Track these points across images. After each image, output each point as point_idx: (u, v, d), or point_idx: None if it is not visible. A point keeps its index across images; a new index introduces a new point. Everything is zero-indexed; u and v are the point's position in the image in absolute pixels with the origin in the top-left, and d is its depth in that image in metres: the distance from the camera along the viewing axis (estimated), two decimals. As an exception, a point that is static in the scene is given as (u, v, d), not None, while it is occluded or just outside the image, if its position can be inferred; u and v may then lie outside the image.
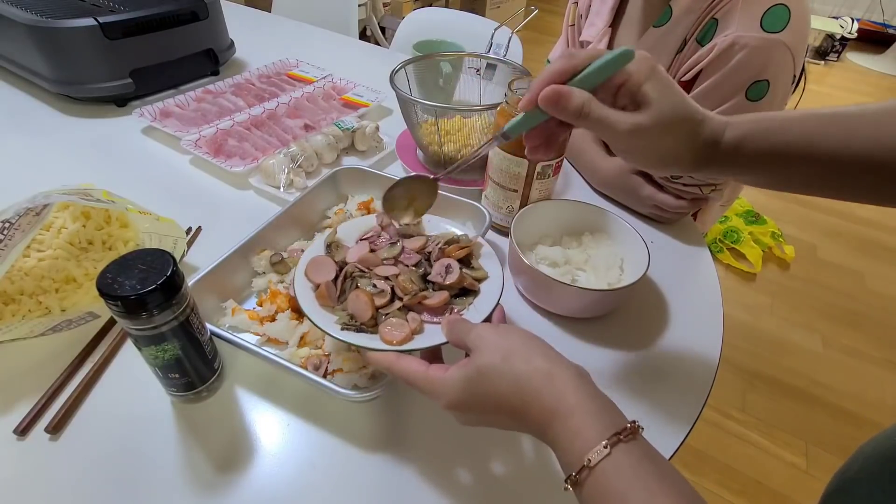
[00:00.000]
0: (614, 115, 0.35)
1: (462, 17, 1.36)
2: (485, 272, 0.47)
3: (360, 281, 0.45)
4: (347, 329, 0.41)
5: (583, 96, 0.35)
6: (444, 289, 0.45)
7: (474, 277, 0.47)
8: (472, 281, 0.46)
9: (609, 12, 0.77)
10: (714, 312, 0.59)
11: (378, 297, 0.43)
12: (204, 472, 0.41)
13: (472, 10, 1.43)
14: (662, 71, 0.36)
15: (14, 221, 0.45)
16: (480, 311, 0.43)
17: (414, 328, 0.41)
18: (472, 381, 0.34)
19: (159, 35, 0.90)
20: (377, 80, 0.95)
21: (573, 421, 0.31)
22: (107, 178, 0.72)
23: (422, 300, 0.44)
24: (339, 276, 0.46)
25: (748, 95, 0.61)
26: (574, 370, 0.34)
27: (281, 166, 0.71)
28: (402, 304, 0.43)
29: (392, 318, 0.42)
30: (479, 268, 0.48)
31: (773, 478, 1.24)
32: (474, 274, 0.47)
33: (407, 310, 0.44)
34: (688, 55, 0.65)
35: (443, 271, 0.46)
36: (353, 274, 0.46)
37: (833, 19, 3.59)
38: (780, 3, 0.58)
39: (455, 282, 0.45)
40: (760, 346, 1.58)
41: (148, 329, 0.38)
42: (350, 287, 0.45)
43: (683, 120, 0.36)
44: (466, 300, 0.45)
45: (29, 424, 0.43)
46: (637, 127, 0.35)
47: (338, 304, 0.44)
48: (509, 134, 0.41)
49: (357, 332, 0.41)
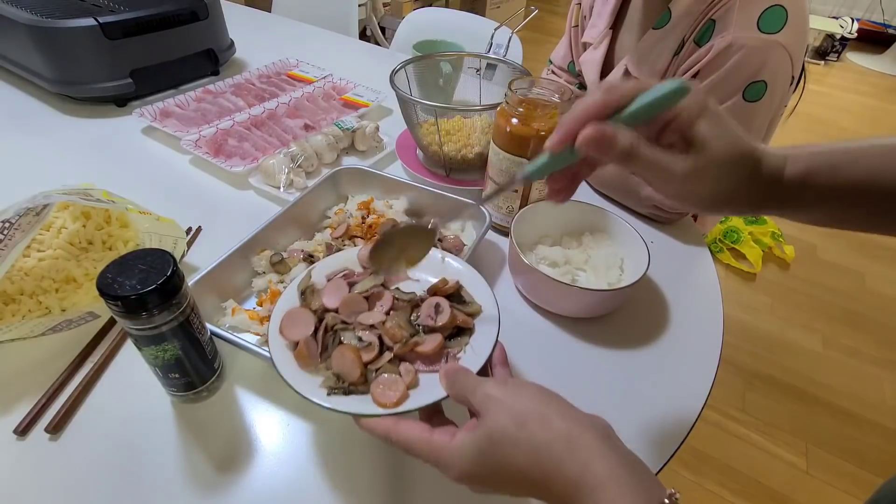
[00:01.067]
0: (666, 158, 0.31)
1: (462, 17, 1.36)
2: (478, 305, 0.43)
3: (344, 334, 0.40)
4: (335, 393, 0.37)
5: (631, 137, 0.31)
6: (435, 331, 0.40)
7: (467, 313, 0.42)
8: (466, 318, 0.41)
9: (610, 14, 0.77)
10: (714, 312, 0.59)
11: (366, 351, 0.39)
12: (204, 472, 0.41)
13: (472, 10, 1.43)
14: (716, 105, 0.32)
15: (14, 221, 0.45)
16: (479, 353, 0.39)
17: (409, 382, 0.37)
18: (483, 451, 0.30)
19: (159, 35, 0.90)
20: (377, 80, 0.95)
21: (605, 495, 0.26)
22: (107, 178, 0.72)
23: (414, 347, 0.39)
24: (319, 329, 0.41)
25: (745, 96, 0.61)
26: (597, 430, 0.29)
27: (281, 166, 0.70)
28: (393, 356, 0.39)
29: (383, 373, 0.38)
30: (470, 300, 0.43)
31: (773, 478, 1.23)
32: (466, 309, 0.42)
33: (398, 360, 0.39)
34: (685, 56, 0.65)
35: (432, 312, 0.41)
36: (335, 327, 0.41)
37: (833, 19, 3.59)
38: (777, 4, 0.58)
39: (447, 322, 0.40)
40: (760, 346, 1.58)
41: (148, 329, 0.38)
42: (333, 342, 0.40)
43: (743, 159, 0.33)
44: (462, 340, 0.41)
45: (29, 424, 0.43)
46: (694, 171, 0.31)
47: (321, 363, 0.39)
48: (532, 178, 0.36)
49: (346, 394, 0.37)
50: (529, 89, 0.59)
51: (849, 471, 1.25)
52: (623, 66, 0.74)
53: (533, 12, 0.89)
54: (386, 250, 0.41)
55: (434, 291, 0.43)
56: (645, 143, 0.31)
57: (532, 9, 0.90)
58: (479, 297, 0.44)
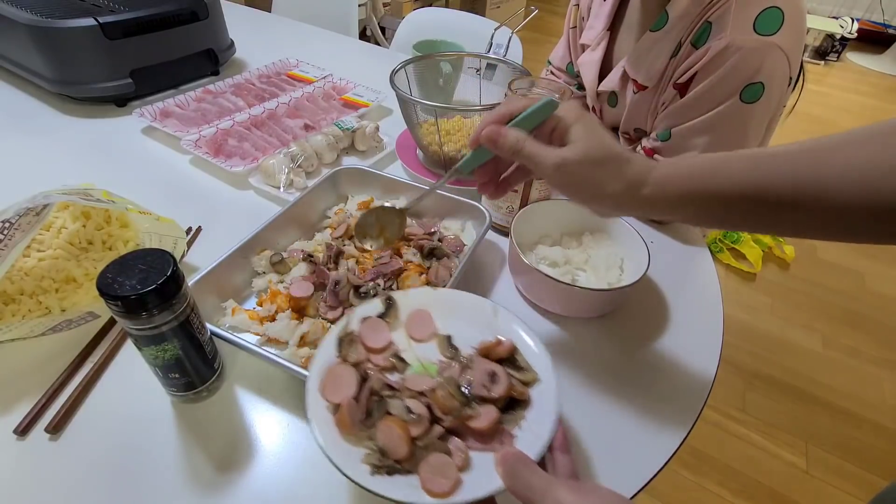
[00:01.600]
0: (544, 150, 0.38)
1: (462, 17, 1.36)
2: (534, 373, 0.39)
3: (391, 403, 0.37)
4: (379, 472, 0.33)
5: (517, 134, 0.39)
6: (488, 402, 0.37)
7: (522, 381, 0.38)
8: (522, 388, 0.38)
9: (607, 16, 0.77)
10: (714, 312, 0.59)
11: (414, 425, 0.36)
12: (204, 472, 0.41)
13: (472, 10, 1.43)
14: (591, 116, 0.40)
15: (14, 221, 0.45)
16: (537, 434, 0.35)
17: (460, 464, 0.34)
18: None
19: (159, 35, 0.90)
20: (377, 80, 0.95)
21: None
22: (107, 178, 0.72)
23: (466, 420, 0.36)
24: (363, 388, 0.38)
25: (743, 98, 0.61)
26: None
27: (281, 166, 0.71)
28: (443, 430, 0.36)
29: (432, 450, 0.35)
30: (526, 367, 0.39)
31: (773, 478, 1.23)
32: (522, 377, 0.39)
33: (448, 434, 0.36)
34: (682, 58, 0.66)
35: (487, 380, 0.37)
36: (381, 392, 0.38)
37: (833, 19, 3.59)
38: (773, 6, 0.59)
39: (503, 393, 0.37)
40: (760, 346, 1.58)
41: (148, 329, 0.38)
42: (377, 410, 0.37)
43: (609, 157, 0.38)
44: (517, 415, 0.37)
45: (29, 424, 0.43)
46: (563, 160, 0.37)
47: (362, 429, 0.36)
48: (461, 169, 0.44)
49: (390, 473, 0.34)
50: (529, 89, 0.59)
51: (849, 471, 1.25)
52: (621, 69, 0.74)
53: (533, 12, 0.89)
54: (367, 226, 0.49)
55: (485, 353, 0.40)
56: (530, 140, 0.39)
57: (532, 9, 0.90)
58: (533, 359, 0.40)
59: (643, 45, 0.69)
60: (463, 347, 0.42)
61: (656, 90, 0.71)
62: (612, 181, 0.38)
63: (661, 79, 0.69)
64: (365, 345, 0.42)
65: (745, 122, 0.64)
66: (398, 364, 0.41)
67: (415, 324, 0.44)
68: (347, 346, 0.41)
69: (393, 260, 0.58)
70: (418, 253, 0.58)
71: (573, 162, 0.37)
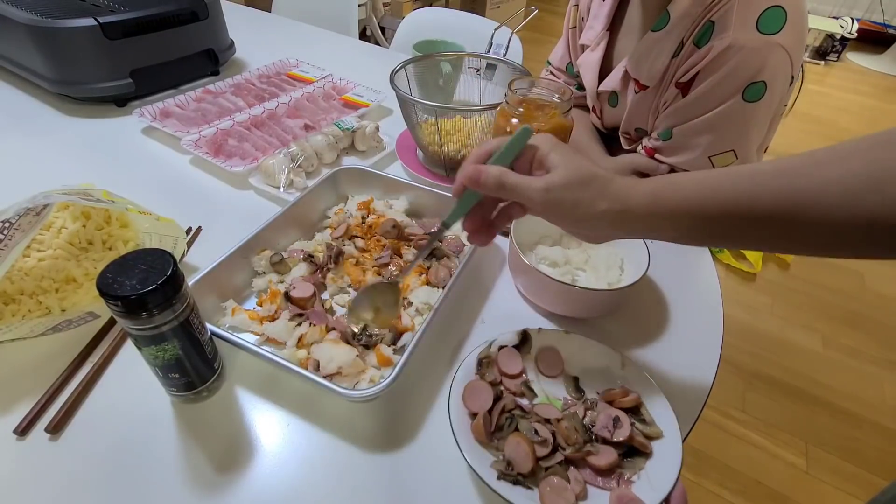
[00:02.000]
0: (528, 179, 0.39)
1: (462, 17, 1.36)
2: (658, 429, 0.41)
3: (521, 422, 0.42)
4: (504, 479, 0.38)
5: (498, 169, 0.39)
6: (609, 444, 0.40)
7: (646, 434, 0.40)
8: (644, 441, 0.40)
9: (606, 16, 0.77)
10: (714, 312, 0.59)
11: (539, 446, 0.40)
12: (204, 472, 0.41)
13: (472, 10, 1.43)
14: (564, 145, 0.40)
15: (14, 221, 0.45)
16: (656, 487, 0.37)
17: (578, 493, 0.37)
18: None
19: (159, 35, 0.90)
20: (377, 80, 0.95)
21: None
22: (107, 178, 0.72)
23: (586, 456, 0.39)
24: (496, 405, 0.43)
25: (745, 97, 0.61)
26: None
27: (281, 166, 0.71)
28: (564, 458, 0.39)
29: (553, 474, 0.38)
30: (651, 422, 0.41)
31: (773, 478, 1.23)
32: (646, 430, 0.41)
33: (568, 463, 0.40)
34: (684, 58, 0.65)
35: (610, 424, 0.40)
36: (513, 411, 0.43)
37: (833, 19, 3.59)
38: (776, 5, 0.58)
39: (625, 439, 0.39)
40: (760, 346, 1.58)
41: (148, 329, 0.38)
42: (508, 426, 0.42)
43: (592, 177, 0.38)
44: (637, 463, 0.39)
45: (29, 424, 0.43)
46: (549, 184, 0.38)
47: (492, 440, 0.41)
48: (449, 223, 0.43)
49: (514, 483, 0.38)
50: (529, 89, 0.59)
51: (849, 471, 1.25)
52: (622, 69, 0.73)
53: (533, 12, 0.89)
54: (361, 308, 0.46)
55: (610, 399, 0.43)
56: (512, 172, 0.39)
57: (532, 9, 0.90)
58: (661, 419, 0.41)
59: (644, 45, 0.69)
60: (588, 390, 0.46)
61: (657, 90, 0.71)
62: (599, 200, 0.38)
63: (663, 78, 0.69)
64: (500, 369, 0.47)
65: (747, 121, 0.64)
66: (527, 392, 0.46)
67: (545, 360, 0.49)
68: (486, 367, 0.47)
69: (393, 260, 0.58)
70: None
71: (559, 185, 0.38)
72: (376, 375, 0.46)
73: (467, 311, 0.57)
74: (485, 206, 0.42)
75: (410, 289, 0.54)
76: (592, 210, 0.38)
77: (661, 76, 0.69)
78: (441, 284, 0.55)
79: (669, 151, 0.70)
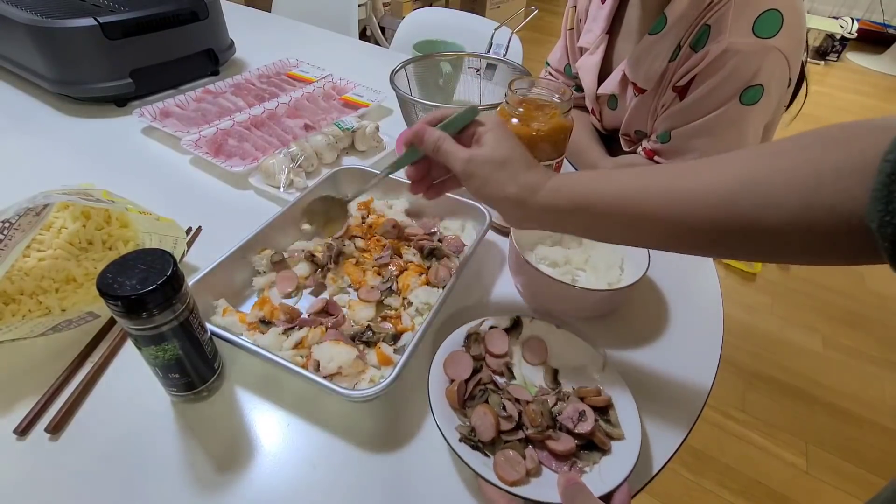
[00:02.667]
0: (458, 149, 0.43)
1: (462, 17, 1.36)
2: (621, 431, 0.43)
3: (491, 396, 0.44)
4: (465, 442, 0.41)
5: (439, 133, 0.44)
6: (572, 435, 0.42)
7: (608, 434, 0.43)
8: (605, 438, 0.42)
9: (605, 19, 0.77)
10: (714, 312, 0.59)
11: (504, 421, 0.42)
12: (204, 472, 0.41)
13: (472, 10, 1.43)
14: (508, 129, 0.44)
15: (14, 221, 0.45)
16: (605, 481, 0.39)
17: (530, 469, 0.40)
18: None
19: (159, 35, 0.90)
20: (377, 80, 0.95)
21: None
22: (107, 178, 0.72)
23: (546, 439, 0.42)
24: (473, 376, 0.46)
25: (742, 100, 0.62)
26: None
27: (281, 166, 0.71)
28: (525, 436, 0.42)
29: (511, 448, 0.41)
30: (616, 424, 0.43)
31: (773, 478, 1.23)
32: (610, 430, 0.43)
33: (527, 442, 0.42)
34: (681, 61, 0.66)
35: (575, 416, 0.43)
36: (487, 385, 0.46)
37: (833, 19, 3.59)
38: (772, 9, 0.59)
39: (586, 433, 0.42)
40: (760, 346, 1.58)
41: (148, 329, 0.38)
42: (479, 397, 0.45)
43: (510, 161, 0.42)
44: (593, 457, 0.42)
45: (29, 424, 0.43)
46: (471, 157, 0.42)
47: (461, 408, 0.44)
48: (393, 170, 0.49)
49: (473, 448, 0.41)
50: (529, 89, 0.59)
51: (849, 471, 1.25)
52: (620, 72, 0.74)
53: (533, 12, 0.89)
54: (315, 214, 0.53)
55: (583, 395, 0.45)
56: (449, 140, 0.44)
57: (532, 9, 0.90)
58: (626, 424, 0.43)
59: (642, 48, 0.69)
60: (565, 384, 0.48)
61: (655, 93, 0.71)
62: (509, 183, 0.41)
63: (661, 81, 0.69)
64: (486, 346, 0.49)
65: (744, 124, 0.64)
66: (506, 372, 0.49)
67: (531, 347, 0.51)
68: (473, 341, 0.50)
69: (393, 260, 0.58)
70: (418, 253, 0.58)
71: (479, 160, 0.42)
72: (376, 375, 0.46)
73: (467, 311, 0.57)
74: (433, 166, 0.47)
75: (410, 288, 0.54)
76: (500, 191, 0.41)
77: (658, 79, 0.69)
78: (441, 284, 0.55)
79: (668, 154, 0.70)
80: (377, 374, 0.47)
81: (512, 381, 0.48)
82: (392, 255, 0.58)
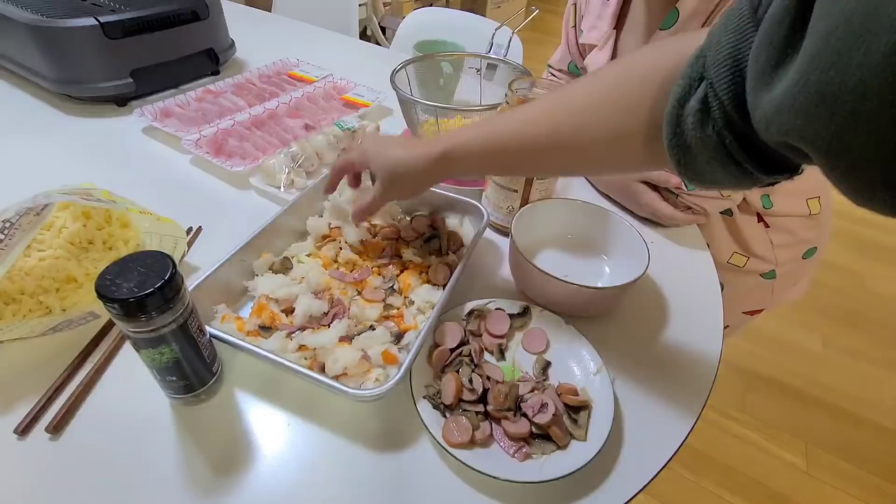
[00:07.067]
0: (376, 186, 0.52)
1: (462, 17, 1.36)
2: (584, 435, 0.43)
3: (463, 368, 0.47)
4: (427, 400, 0.44)
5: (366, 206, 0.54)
6: (530, 423, 0.43)
7: (568, 432, 0.43)
8: (563, 434, 0.42)
9: (612, 16, 0.76)
10: (714, 312, 0.59)
11: (468, 392, 0.44)
12: (204, 474, 0.41)
13: (473, 10, 1.43)
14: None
15: (15, 221, 0.45)
16: (543, 472, 0.40)
17: (478, 439, 0.42)
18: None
19: (160, 35, 0.90)
20: (377, 80, 0.95)
21: None
22: (107, 178, 0.72)
23: (502, 419, 0.43)
24: (458, 347, 0.48)
25: None
26: None
27: (281, 166, 0.71)
28: (483, 411, 0.44)
29: (466, 417, 0.43)
30: (583, 427, 0.43)
31: (773, 478, 1.24)
32: (573, 430, 0.43)
33: (485, 416, 0.44)
34: None
35: (537, 406, 0.43)
36: (465, 357, 0.48)
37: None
38: None
39: (543, 425, 0.42)
40: (760, 346, 1.58)
41: (146, 332, 0.38)
42: (454, 366, 0.47)
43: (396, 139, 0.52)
44: (546, 448, 0.42)
45: (29, 424, 0.43)
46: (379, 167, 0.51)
47: (440, 372, 0.47)
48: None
49: (433, 407, 0.44)
50: (530, 89, 0.59)
51: (849, 471, 1.25)
52: None
53: (533, 12, 0.89)
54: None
55: (561, 392, 0.45)
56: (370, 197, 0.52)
57: (533, 9, 0.90)
58: (595, 432, 0.43)
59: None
60: (552, 378, 0.49)
61: None
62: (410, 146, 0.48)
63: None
64: (486, 324, 0.52)
65: None
66: (496, 353, 0.50)
67: (532, 337, 0.52)
68: (474, 318, 0.52)
69: (393, 260, 0.58)
70: (418, 253, 0.58)
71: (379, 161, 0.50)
72: (382, 374, 0.46)
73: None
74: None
75: (411, 287, 0.54)
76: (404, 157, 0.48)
77: None
78: (441, 283, 0.55)
79: None
80: (382, 373, 0.47)
81: (501, 361, 0.50)
82: (392, 256, 0.58)
